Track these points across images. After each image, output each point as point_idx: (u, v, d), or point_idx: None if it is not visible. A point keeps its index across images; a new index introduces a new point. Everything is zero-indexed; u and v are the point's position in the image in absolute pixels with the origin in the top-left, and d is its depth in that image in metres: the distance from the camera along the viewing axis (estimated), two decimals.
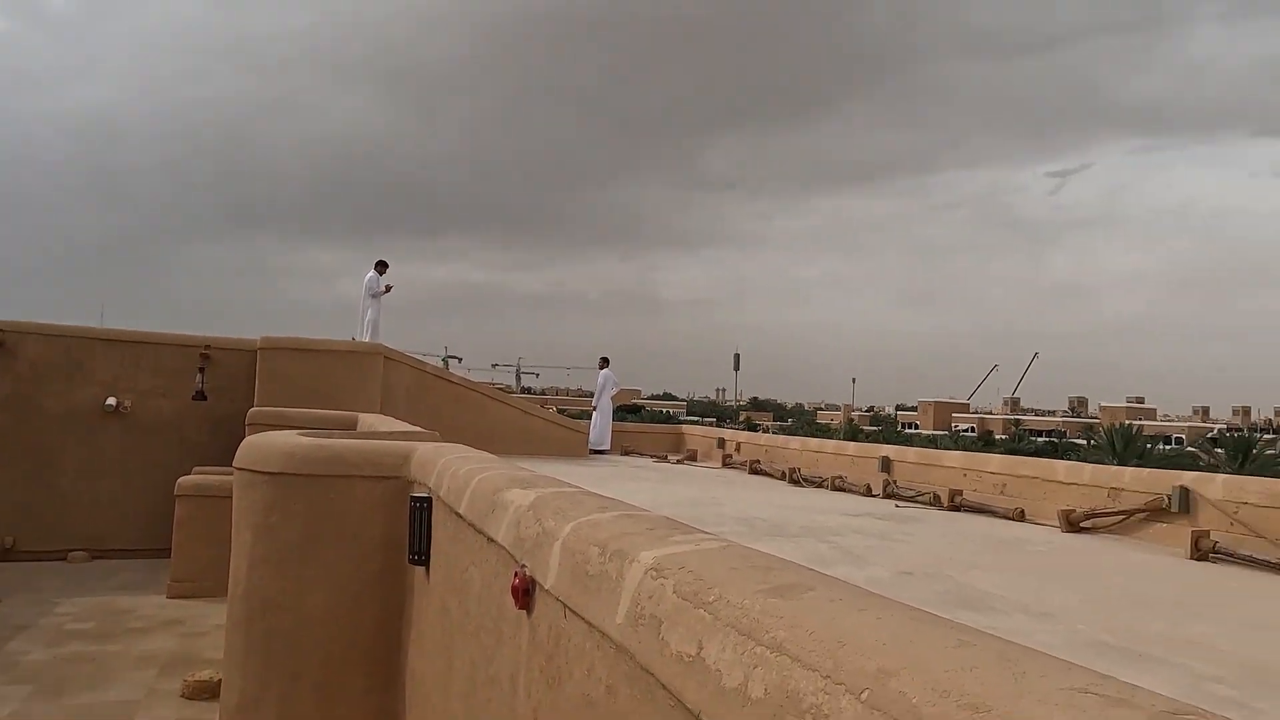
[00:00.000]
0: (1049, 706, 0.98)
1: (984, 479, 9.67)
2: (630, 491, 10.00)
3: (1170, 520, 7.48)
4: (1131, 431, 63.85)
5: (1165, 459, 62.63)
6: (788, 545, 6.55)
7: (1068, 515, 8.17)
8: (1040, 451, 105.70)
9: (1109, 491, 8.16)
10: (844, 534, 7.34)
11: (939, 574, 5.69)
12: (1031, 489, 9.02)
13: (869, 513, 9.04)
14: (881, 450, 11.45)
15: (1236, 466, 59.38)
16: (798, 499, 10.29)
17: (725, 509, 8.90)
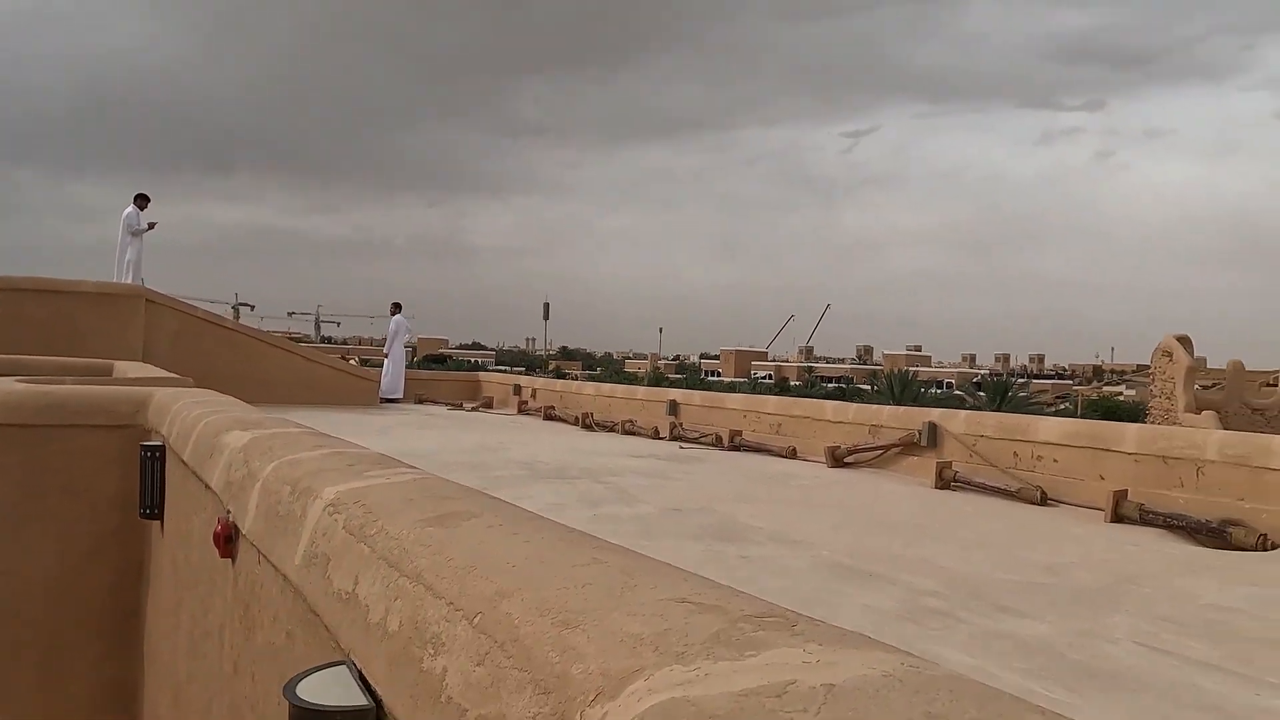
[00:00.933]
0: (636, 617, 0.94)
1: (762, 420, 10.10)
2: (414, 439, 9.73)
3: (921, 453, 8.10)
4: (908, 377, 69.31)
5: (935, 401, 68.65)
6: (564, 487, 6.56)
7: (833, 451, 8.68)
8: (830, 396, 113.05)
9: (870, 429, 8.73)
10: (624, 475, 7.45)
11: (707, 509, 5.88)
12: (804, 428, 9.51)
13: (653, 454, 9.23)
14: (669, 394, 11.72)
15: (995, 407, 65.74)
16: (587, 443, 10.37)
17: (511, 454, 8.83)
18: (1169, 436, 6.29)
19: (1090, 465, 6.74)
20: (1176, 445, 6.21)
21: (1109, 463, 6.61)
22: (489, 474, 7.11)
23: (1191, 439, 6.15)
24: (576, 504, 5.82)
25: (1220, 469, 5.95)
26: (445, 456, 8.26)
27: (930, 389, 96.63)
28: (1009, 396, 70.11)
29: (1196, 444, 6.10)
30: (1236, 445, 5.90)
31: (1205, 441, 6.06)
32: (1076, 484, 6.81)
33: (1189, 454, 6.13)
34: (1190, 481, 6.11)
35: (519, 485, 6.59)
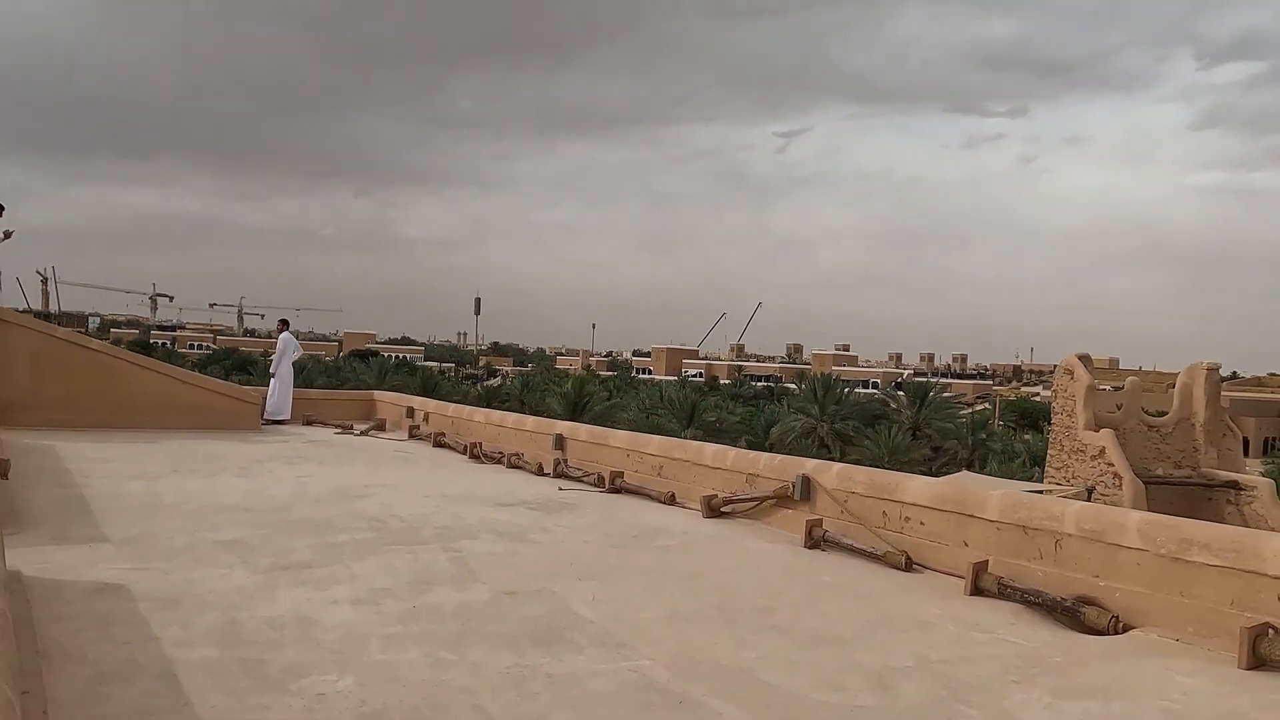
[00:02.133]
0: None
1: (645, 460, 9.77)
2: (274, 481, 9.15)
3: (795, 507, 7.84)
4: (830, 381, 70.12)
5: (857, 405, 69.53)
6: (403, 560, 6.11)
7: (709, 501, 8.38)
8: (759, 396, 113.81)
9: (748, 477, 8.45)
10: (479, 535, 7.02)
11: (546, 591, 5.49)
12: (684, 472, 9.20)
13: (525, 501, 8.81)
14: (557, 427, 11.32)
15: (915, 410, 66.82)
16: (462, 483, 9.90)
17: (372, 501, 8.32)
18: (1029, 506, 6.12)
19: (955, 531, 6.54)
20: (1036, 516, 6.04)
21: (973, 529, 6.42)
22: (328, 538, 6.63)
23: (1050, 510, 5.98)
24: (406, 587, 5.38)
25: (1077, 543, 5.79)
26: (296, 509, 7.74)
27: (855, 389, 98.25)
28: (928, 399, 71.41)
29: (1055, 516, 5.94)
30: (1092, 520, 5.74)
31: (1063, 514, 5.90)
32: (941, 549, 6.61)
33: (1047, 525, 5.96)
34: (1049, 554, 5.95)
35: (355, 555, 6.12)
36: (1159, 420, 24.89)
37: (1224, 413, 24.74)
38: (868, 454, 57.01)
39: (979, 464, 57.06)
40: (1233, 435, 24.77)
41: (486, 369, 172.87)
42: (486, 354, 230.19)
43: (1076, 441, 23.12)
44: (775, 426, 64.95)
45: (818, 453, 60.24)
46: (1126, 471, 21.93)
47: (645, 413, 64.20)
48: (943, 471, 59.42)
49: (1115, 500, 22.03)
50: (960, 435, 61.18)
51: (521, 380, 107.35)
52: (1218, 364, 25.83)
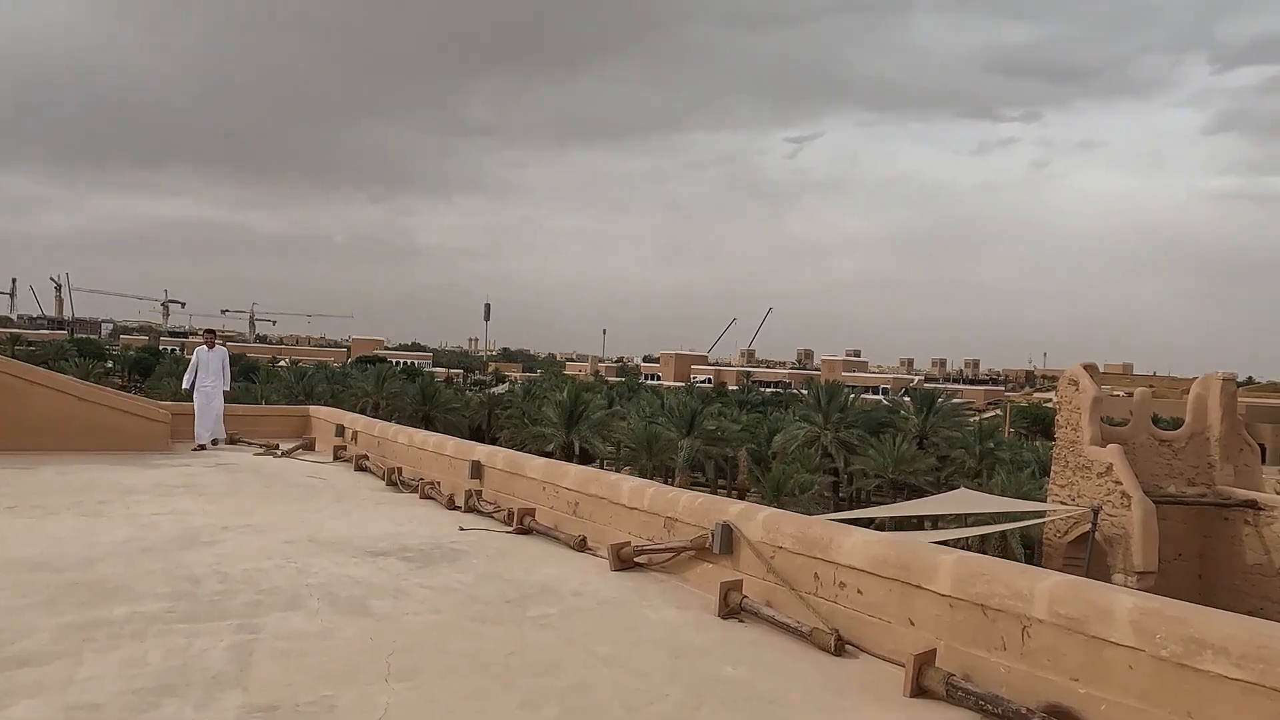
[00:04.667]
0: None
1: (560, 495, 8.34)
2: (113, 521, 7.76)
3: (714, 561, 6.41)
4: (836, 388, 68.55)
5: (863, 412, 67.85)
6: (177, 642, 4.69)
7: (618, 551, 6.95)
8: (767, 403, 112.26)
9: (665, 521, 7.02)
10: (305, 604, 5.60)
11: (319, 707, 4.07)
12: (600, 511, 7.78)
13: (405, 548, 7.40)
14: (475, 453, 9.91)
15: (923, 418, 65.26)
16: (351, 520, 8.49)
17: (212, 551, 6.93)
18: (989, 579, 4.66)
19: (899, 604, 5.09)
20: (998, 593, 4.58)
21: (920, 604, 4.97)
22: (100, 611, 5.22)
23: (1016, 587, 4.52)
24: (127, 700, 3.95)
25: (1050, 632, 4.34)
26: (102, 565, 6.35)
27: (863, 395, 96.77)
28: (935, 406, 69.78)
29: (1022, 594, 4.48)
30: (1070, 603, 4.28)
31: (1033, 591, 4.44)
32: (882, 627, 5.16)
33: (1013, 606, 4.50)
34: (1014, 644, 4.49)
35: (109, 642, 4.72)
36: (1171, 434, 23.26)
37: (1241, 425, 23.12)
38: (872, 463, 55.41)
39: (986, 474, 55.34)
40: (1250, 450, 23.13)
41: (495, 375, 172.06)
42: (496, 360, 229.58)
43: (1082, 457, 21.52)
44: (778, 435, 63.38)
45: (821, 462, 58.65)
46: (1136, 490, 20.33)
47: (645, 421, 62.79)
48: (950, 481, 57.77)
49: (1124, 521, 20.45)
50: (968, 444, 59.47)
51: (524, 387, 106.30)
52: (1234, 375, 24.20)
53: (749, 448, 62.56)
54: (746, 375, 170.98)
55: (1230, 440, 22.18)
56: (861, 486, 58.85)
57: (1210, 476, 22.10)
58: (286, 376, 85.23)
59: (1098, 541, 20.47)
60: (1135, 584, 19.96)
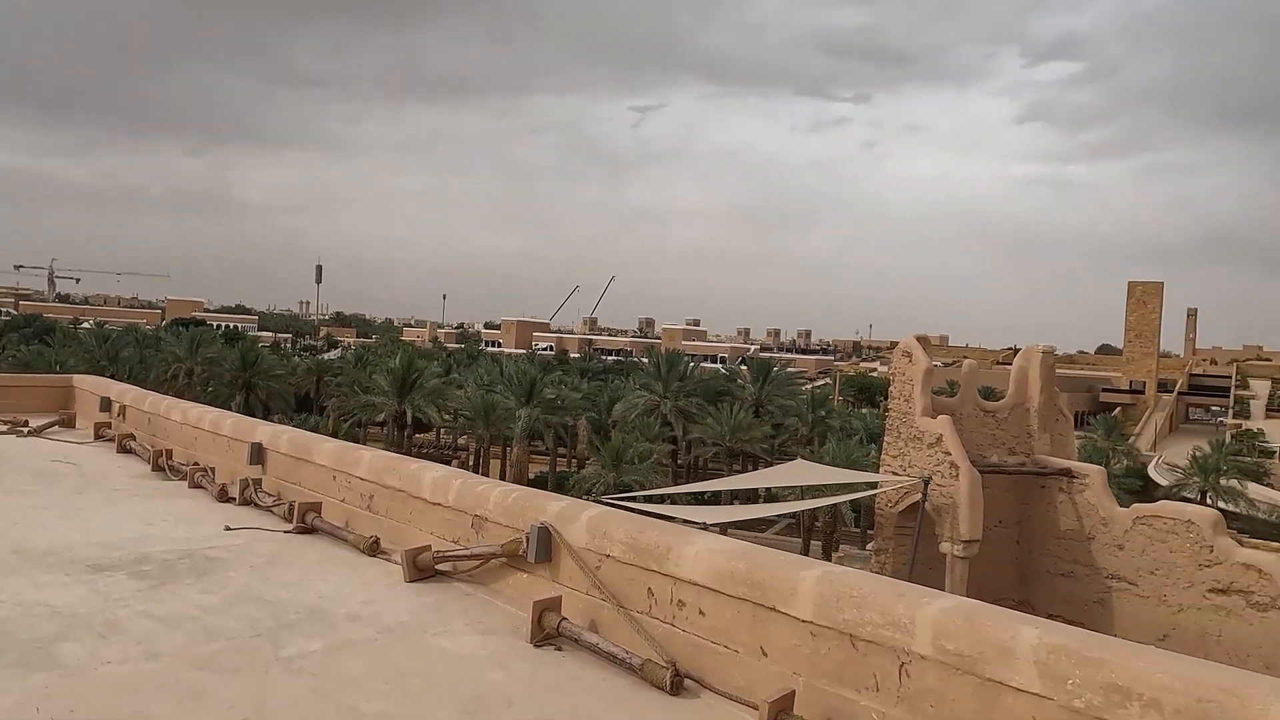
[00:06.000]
0: None
1: (353, 487, 7.00)
2: None
3: (530, 570, 5.30)
4: (676, 357, 68.85)
5: (702, 381, 68.54)
6: None
7: (414, 558, 5.72)
8: (609, 371, 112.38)
9: (474, 520, 5.84)
10: None
11: None
12: (399, 507, 6.50)
13: (145, 556, 5.89)
14: (257, 433, 8.37)
15: (759, 386, 66.56)
16: (86, 518, 6.84)
17: None
18: (860, 602, 3.76)
19: (750, 629, 4.15)
20: (870, 620, 3.69)
21: (776, 631, 4.04)
22: None
23: (893, 613, 3.64)
24: None
25: (935, 672, 3.48)
26: None
27: (702, 364, 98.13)
28: (771, 375, 71.43)
29: (900, 622, 3.60)
30: (959, 636, 3.43)
31: (914, 620, 3.57)
32: (729, 657, 4.21)
33: (889, 638, 3.62)
34: (890, 685, 3.62)
35: None
36: (995, 405, 23.99)
37: (1058, 396, 24.13)
38: (710, 432, 55.93)
39: (818, 441, 57.01)
40: (1065, 420, 24.18)
41: (327, 340, 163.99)
42: (328, 324, 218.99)
43: (914, 428, 21.79)
44: (619, 403, 63.09)
45: (660, 431, 58.72)
46: (963, 461, 20.72)
47: (483, 389, 61.00)
48: (784, 449, 59.21)
49: (952, 491, 20.85)
50: (801, 412, 61.08)
51: (356, 353, 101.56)
52: (1053, 347, 25.21)
53: (589, 416, 61.94)
54: (588, 343, 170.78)
55: (1048, 411, 23.06)
56: (700, 454, 59.42)
57: (1029, 446, 22.92)
58: (88, 340, 77.59)
59: (927, 511, 20.80)
60: (961, 552, 20.42)
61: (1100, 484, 21.29)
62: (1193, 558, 18.69)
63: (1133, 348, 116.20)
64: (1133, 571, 19.86)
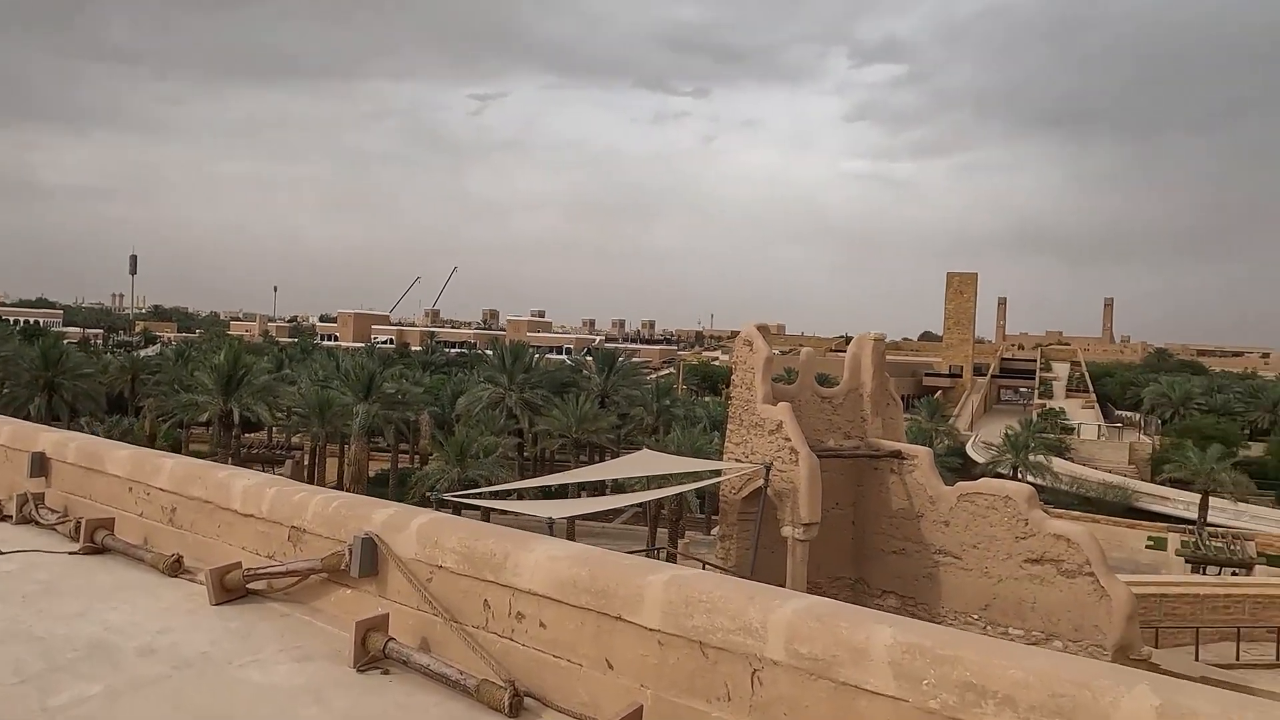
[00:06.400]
0: None
1: (153, 500, 6.25)
2: None
3: (354, 586, 4.82)
4: (521, 349, 68.08)
5: (547, 373, 68.09)
6: None
7: (221, 578, 5.12)
8: (453, 364, 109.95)
9: (291, 532, 5.29)
10: None
11: None
12: (205, 520, 5.84)
13: None
14: (39, 441, 7.39)
15: (605, 377, 66.71)
16: None
17: None
18: (710, 607, 3.54)
19: (594, 640, 3.86)
20: (721, 626, 3.48)
21: (622, 641, 3.76)
22: None
23: (744, 617, 3.43)
24: None
25: (788, 678, 3.30)
26: None
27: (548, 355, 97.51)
28: (617, 366, 71.75)
29: (753, 627, 3.40)
30: (813, 639, 3.26)
31: (766, 624, 3.37)
32: (571, 672, 3.90)
33: (741, 644, 3.42)
34: (742, 693, 3.41)
35: None
36: (831, 391, 24.80)
37: (888, 382, 25.22)
38: (556, 423, 55.59)
39: (664, 430, 57.71)
40: (895, 404, 25.30)
41: (144, 336, 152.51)
42: (146, 319, 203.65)
43: (755, 416, 22.22)
44: (462, 397, 61.76)
45: (506, 424, 57.85)
46: (803, 446, 21.29)
47: (318, 385, 58.27)
48: (630, 439, 59.59)
49: (792, 476, 21.41)
50: (646, 402, 61.67)
51: (177, 349, 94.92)
52: (883, 335, 26.33)
53: (432, 411, 60.33)
54: (431, 336, 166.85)
55: (879, 396, 24.05)
56: (546, 446, 59.01)
57: (863, 430, 23.84)
58: None
59: (769, 497, 21.27)
60: (801, 535, 20.99)
61: (928, 464, 22.39)
62: (1010, 531, 19.95)
63: (951, 334, 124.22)
64: (957, 546, 21.01)
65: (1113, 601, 18.34)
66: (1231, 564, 39.19)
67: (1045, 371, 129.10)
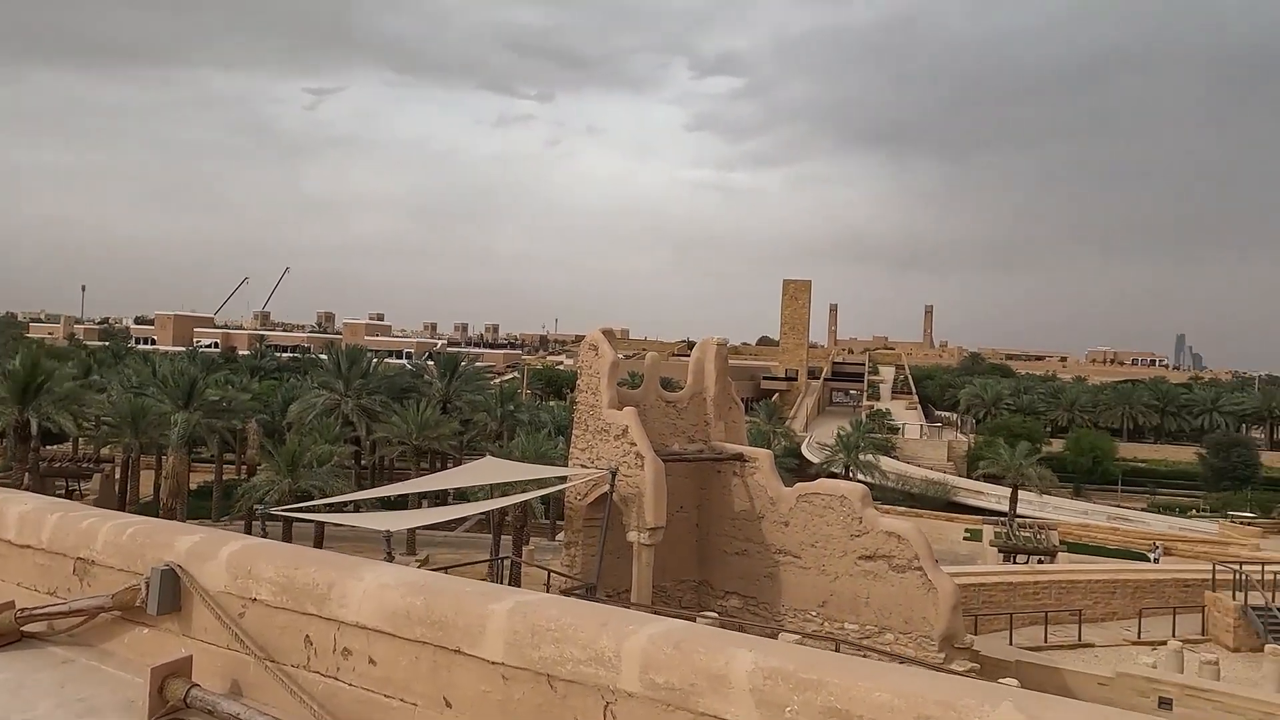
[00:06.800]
0: None
1: None
2: None
3: (154, 625, 4.24)
4: (358, 353, 65.53)
5: (386, 378, 65.82)
6: None
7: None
8: (284, 368, 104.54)
9: (77, 565, 4.62)
10: None
11: None
12: None
13: None
14: None
15: (446, 382, 65.10)
16: None
17: None
18: (559, 636, 3.26)
19: (431, 677, 3.49)
20: (571, 656, 3.20)
21: (462, 676, 3.42)
22: None
23: (596, 646, 3.17)
24: None
25: (644, 711, 3.06)
26: None
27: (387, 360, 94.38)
28: (459, 370, 70.29)
29: (605, 657, 3.14)
30: (671, 668, 3.03)
31: (620, 652, 3.12)
32: (406, 713, 3.52)
33: (592, 675, 3.15)
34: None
35: None
36: (675, 395, 25.01)
37: (730, 385, 25.69)
38: (396, 430, 53.72)
39: (508, 436, 56.88)
40: (737, 407, 25.79)
41: None
42: None
43: (601, 421, 22.09)
44: (295, 403, 58.78)
45: (342, 431, 55.42)
46: (648, 451, 21.31)
47: (131, 392, 53.98)
48: (474, 445, 58.41)
49: (637, 481, 21.41)
50: (490, 407, 60.64)
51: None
52: (726, 340, 26.84)
53: (261, 418, 57.07)
54: (260, 339, 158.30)
55: (722, 399, 24.45)
56: (385, 454, 57.00)
57: (707, 433, 24.17)
58: None
59: (615, 502, 21.18)
60: (647, 539, 21.00)
61: (768, 466, 22.93)
62: (846, 529, 20.68)
63: (787, 339, 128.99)
64: (797, 545, 21.60)
65: (939, 594, 19.31)
66: (1038, 552, 42.33)
67: (873, 375, 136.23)
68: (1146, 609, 31.34)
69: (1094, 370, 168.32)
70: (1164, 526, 55.44)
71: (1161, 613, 31.16)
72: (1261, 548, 45.59)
